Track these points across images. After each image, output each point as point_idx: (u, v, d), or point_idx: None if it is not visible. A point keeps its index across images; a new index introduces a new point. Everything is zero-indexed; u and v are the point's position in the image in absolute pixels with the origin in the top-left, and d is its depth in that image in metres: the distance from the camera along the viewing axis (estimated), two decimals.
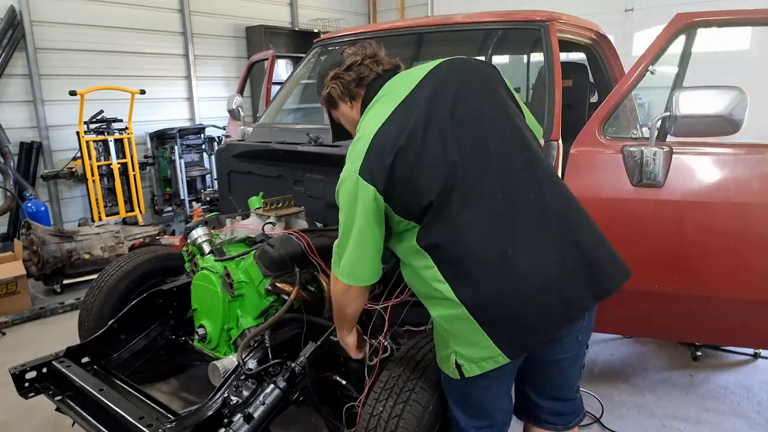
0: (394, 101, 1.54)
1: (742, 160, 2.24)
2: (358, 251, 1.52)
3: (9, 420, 2.76)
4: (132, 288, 2.75)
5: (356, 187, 1.46)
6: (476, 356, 1.46)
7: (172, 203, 6.41)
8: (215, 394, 1.89)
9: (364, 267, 1.55)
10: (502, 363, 1.45)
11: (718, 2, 5.72)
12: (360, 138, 1.52)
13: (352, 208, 1.48)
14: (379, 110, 1.55)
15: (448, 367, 1.54)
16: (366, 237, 1.50)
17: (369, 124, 1.52)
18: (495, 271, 1.42)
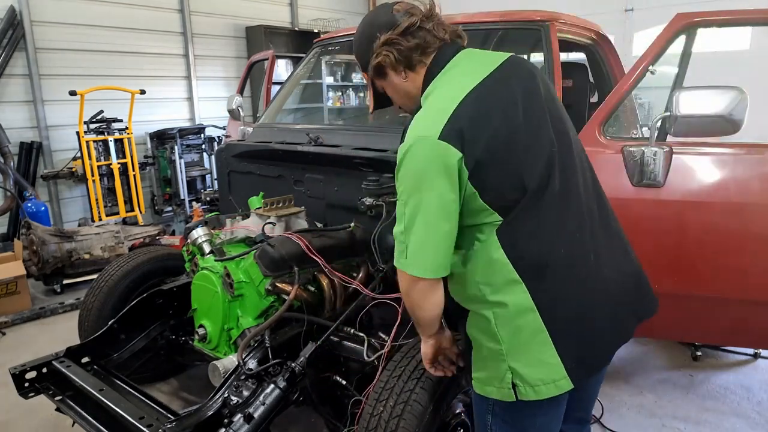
0: (473, 75, 1.37)
1: (742, 160, 2.24)
2: (428, 233, 1.26)
3: (9, 420, 2.76)
4: (132, 288, 2.75)
5: (435, 150, 1.24)
6: (536, 377, 1.28)
7: (172, 203, 6.41)
8: (215, 394, 1.89)
9: (436, 253, 1.29)
10: (565, 389, 1.28)
11: (718, 2, 5.72)
12: (436, 106, 1.32)
13: (425, 177, 1.25)
14: (457, 80, 1.37)
15: (500, 389, 1.32)
16: (441, 215, 1.26)
17: (448, 92, 1.34)
18: (577, 277, 1.32)
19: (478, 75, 1.36)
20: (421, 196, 1.25)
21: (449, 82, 1.38)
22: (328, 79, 6.96)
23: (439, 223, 1.26)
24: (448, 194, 1.25)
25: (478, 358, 1.39)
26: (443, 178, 1.24)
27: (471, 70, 1.39)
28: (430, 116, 1.30)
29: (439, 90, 1.38)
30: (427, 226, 1.26)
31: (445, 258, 1.30)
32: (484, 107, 1.30)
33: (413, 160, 1.27)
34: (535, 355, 1.28)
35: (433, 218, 1.26)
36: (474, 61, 1.43)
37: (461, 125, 1.26)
